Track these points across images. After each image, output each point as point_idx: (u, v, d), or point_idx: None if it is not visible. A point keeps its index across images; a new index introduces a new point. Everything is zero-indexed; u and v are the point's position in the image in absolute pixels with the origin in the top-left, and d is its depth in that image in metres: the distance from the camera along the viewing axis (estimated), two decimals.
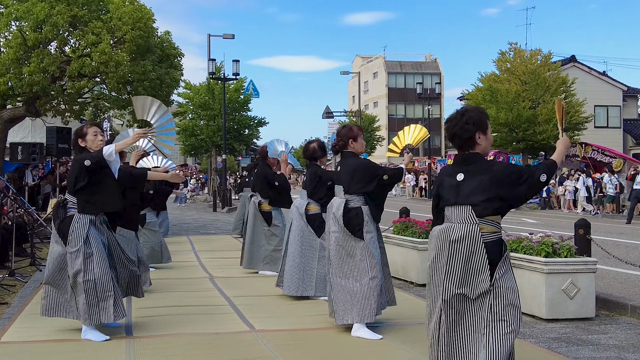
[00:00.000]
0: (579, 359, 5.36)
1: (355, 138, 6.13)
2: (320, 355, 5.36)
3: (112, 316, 5.72)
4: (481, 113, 4.10)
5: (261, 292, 8.19)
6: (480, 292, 3.88)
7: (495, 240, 3.94)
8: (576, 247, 6.95)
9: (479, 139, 4.02)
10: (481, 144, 4.04)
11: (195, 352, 5.37)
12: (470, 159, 4.05)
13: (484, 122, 4.05)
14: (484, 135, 4.04)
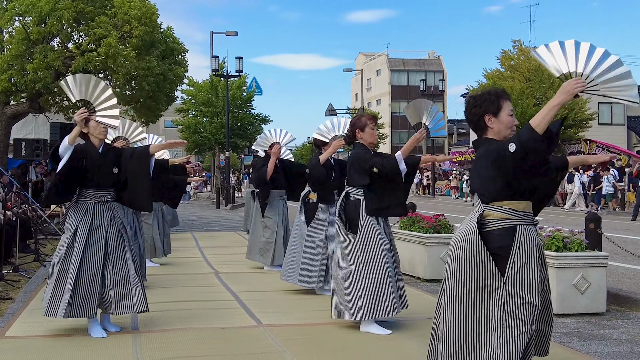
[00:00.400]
0: (592, 353, 5.28)
1: (363, 128, 5.89)
2: (328, 349, 5.29)
3: (62, 313, 5.53)
4: (490, 94, 3.85)
5: (267, 288, 8.12)
6: (490, 286, 3.62)
7: (504, 228, 3.64)
8: (587, 241, 6.86)
9: (490, 122, 3.78)
10: (493, 127, 3.78)
11: (202, 347, 5.30)
12: (477, 143, 3.89)
13: (493, 103, 3.79)
14: (495, 117, 3.78)
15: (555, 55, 3.58)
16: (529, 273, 3.63)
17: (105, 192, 5.81)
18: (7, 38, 14.91)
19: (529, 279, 3.62)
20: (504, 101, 3.84)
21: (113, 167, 5.82)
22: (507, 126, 3.80)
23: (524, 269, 3.63)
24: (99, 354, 5.07)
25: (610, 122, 42.08)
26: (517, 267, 3.63)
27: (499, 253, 3.65)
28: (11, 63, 14.59)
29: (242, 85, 37.25)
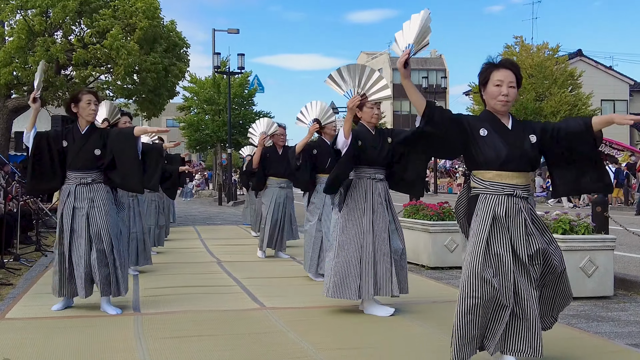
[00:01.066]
0: (600, 333, 5.20)
1: (360, 107, 5.76)
2: (332, 330, 5.21)
3: (56, 292, 5.77)
4: (484, 65, 3.96)
5: (271, 275, 8.05)
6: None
7: (472, 196, 3.96)
8: (594, 224, 6.78)
9: (484, 95, 3.96)
10: (486, 100, 3.95)
11: (204, 327, 5.22)
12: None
13: (482, 74, 3.94)
14: (485, 89, 3.94)
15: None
16: (474, 240, 3.85)
17: (85, 173, 5.75)
18: (9, 30, 14.84)
19: (472, 246, 3.84)
20: (495, 71, 3.88)
21: (95, 148, 5.74)
22: (492, 97, 3.90)
23: (473, 237, 3.88)
24: (99, 334, 4.99)
25: None
26: (471, 235, 3.90)
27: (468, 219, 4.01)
28: (13, 56, 14.53)
29: (244, 83, 37.19)
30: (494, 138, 3.85)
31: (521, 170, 3.88)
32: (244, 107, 37.40)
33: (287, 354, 4.46)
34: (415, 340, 4.85)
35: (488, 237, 3.81)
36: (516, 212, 3.83)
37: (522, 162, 3.86)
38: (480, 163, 3.88)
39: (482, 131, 3.86)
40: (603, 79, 41.16)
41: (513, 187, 3.85)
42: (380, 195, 5.73)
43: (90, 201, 5.73)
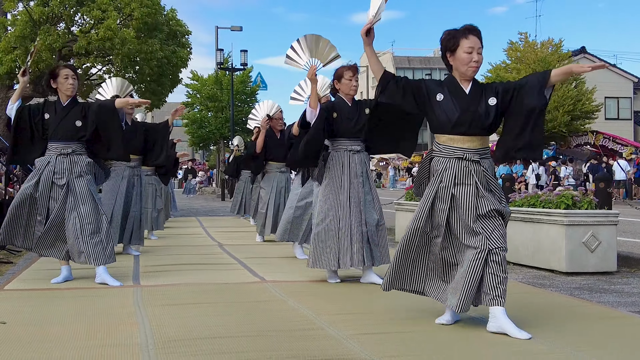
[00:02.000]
0: (603, 303, 5.15)
1: (339, 78, 5.72)
2: (333, 298, 5.17)
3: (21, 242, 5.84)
4: (450, 33, 4.03)
5: (271, 255, 8.01)
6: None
7: (428, 158, 4.18)
8: (597, 199, 6.73)
9: (451, 59, 4.03)
10: (453, 65, 4.03)
11: (204, 296, 5.19)
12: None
13: (450, 41, 3.99)
14: (453, 55, 4.00)
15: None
16: (423, 200, 4.11)
17: (66, 144, 5.76)
18: (11, 20, 14.84)
19: (420, 204, 4.12)
20: (463, 38, 3.98)
21: (76, 120, 5.77)
22: (462, 63, 3.99)
23: (423, 197, 4.13)
24: (98, 302, 4.95)
25: (617, 116, 41.85)
26: (423, 194, 4.15)
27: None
28: (15, 45, 14.53)
29: (246, 80, 37.14)
30: (449, 102, 4.02)
31: (473, 134, 4.00)
32: (246, 104, 37.34)
33: (286, 318, 4.42)
34: (415, 307, 4.80)
35: (434, 197, 4.01)
36: (466, 175, 3.97)
37: (473, 126, 3.99)
38: (435, 127, 4.08)
39: (438, 96, 4.04)
40: (607, 76, 40.92)
41: (464, 150, 3.98)
42: (357, 167, 5.71)
43: (69, 172, 5.76)
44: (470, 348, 3.64)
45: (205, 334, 3.91)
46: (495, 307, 3.85)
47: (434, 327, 4.11)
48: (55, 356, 3.44)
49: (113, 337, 3.86)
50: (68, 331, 4.01)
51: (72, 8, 14.78)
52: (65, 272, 5.90)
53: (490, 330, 3.88)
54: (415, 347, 3.65)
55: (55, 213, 5.70)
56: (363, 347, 3.62)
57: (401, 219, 9.50)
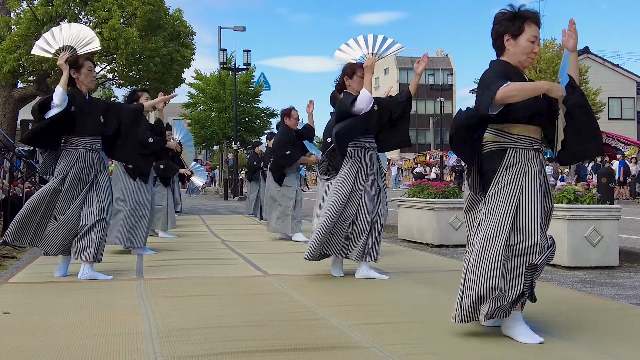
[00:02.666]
0: (605, 295, 5.16)
1: (351, 75, 5.66)
2: (336, 291, 5.19)
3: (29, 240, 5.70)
4: (515, 15, 3.62)
5: (275, 250, 8.04)
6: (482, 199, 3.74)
7: (494, 151, 3.65)
8: (599, 194, 6.74)
9: (508, 43, 3.63)
10: (510, 50, 3.64)
11: (206, 289, 5.21)
12: (491, 64, 3.74)
13: (515, 24, 3.60)
14: (514, 40, 3.62)
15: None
16: (504, 196, 3.59)
17: (94, 139, 5.76)
18: (15, 19, 14.89)
19: (502, 202, 3.59)
20: (529, 25, 3.61)
21: (100, 115, 5.77)
22: (523, 52, 3.62)
23: (502, 190, 3.61)
24: (102, 295, 4.97)
25: (620, 117, 41.85)
26: (496, 188, 3.63)
27: (487, 176, 3.70)
28: (19, 44, 14.57)
29: (249, 80, 37.17)
30: None
31: (544, 125, 3.74)
32: (249, 104, 37.38)
33: (289, 309, 4.44)
34: (417, 299, 4.83)
35: (521, 190, 3.59)
36: (540, 167, 3.68)
37: (545, 117, 3.72)
38: (506, 115, 3.60)
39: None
40: (610, 76, 41.00)
41: (538, 142, 3.69)
42: (374, 164, 5.74)
43: (96, 168, 5.75)
44: (470, 339, 3.66)
45: (208, 324, 3.93)
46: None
47: (435, 319, 4.12)
48: (59, 344, 3.47)
49: (117, 327, 3.88)
50: (72, 321, 4.04)
51: (76, 7, 14.82)
52: (65, 267, 5.89)
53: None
54: (416, 337, 3.67)
55: (73, 209, 5.63)
56: (364, 336, 3.64)
57: (404, 217, 9.51)
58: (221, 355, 3.27)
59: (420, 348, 3.44)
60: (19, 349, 3.36)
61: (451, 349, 3.42)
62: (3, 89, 15.74)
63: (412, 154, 54.90)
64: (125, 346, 3.44)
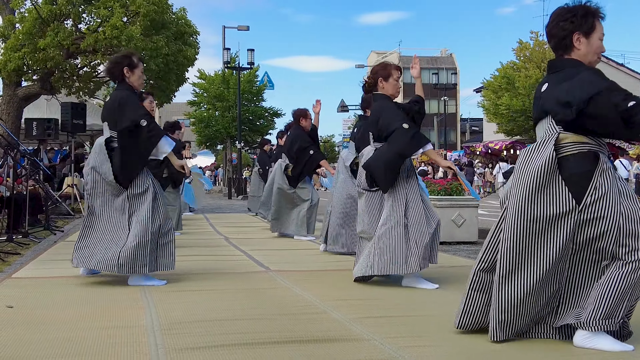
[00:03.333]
0: None
1: (387, 77, 5.28)
2: (339, 286, 5.20)
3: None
4: (586, 10, 3.37)
5: (278, 247, 8.06)
6: (562, 215, 3.22)
7: (584, 153, 3.27)
8: None
9: (577, 42, 3.35)
10: (580, 49, 3.36)
11: (209, 284, 5.22)
12: (558, 65, 3.42)
13: (588, 21, 3.35)
14: (586, 39, 3.35)
15: None
16: (612, 203, 3.22)
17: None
18: (19, 17, 14.93)
19: (611, 208, 3.21)
20: (598, 22, 3.40)
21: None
22: (595, 51, 3.39)
23: (607, 197, 3.22)
24: (104, 290, 5.00)
25: None
26: (598, 195, 3.22)
27: (575, 180, 3.26)
28: (23, 43, 14.61)
29: (252, 79, 37.23)
30: None
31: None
32: (253, 103, 37.45)
33: (291, 303, 4.46)
34: (419, 294, 4.84)
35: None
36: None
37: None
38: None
39: None
40: (614, 76, 40.25)
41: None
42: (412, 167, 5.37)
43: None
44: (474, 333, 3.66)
45: (210, 317, 3.95)
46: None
47: (438, 313, 4.14)
48: (61, 337, 3.49)
49: (119, 320, 3.90)
50: (74, 314, 4.06)
51: (79, 6, 14.86)
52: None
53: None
54: (417, 330, 3.68)
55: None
56: (366, 329, 3.66)
57: None
58: (222, 347, 3.28)
59: (421, 340, 3.45)
60: (21, 342, 3.38)
61: (451, 342, 3.43)
62: (7, 88, 15.78)
63: None
64: (127, 338, 3.45)
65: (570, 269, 3.38)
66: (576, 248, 3.32)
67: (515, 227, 3.33)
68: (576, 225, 3.25)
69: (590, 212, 3.22)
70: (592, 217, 3.22)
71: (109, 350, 3.22)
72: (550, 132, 3.33)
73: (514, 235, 3.33)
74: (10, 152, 10.33)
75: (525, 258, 3.33)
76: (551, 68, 3.48)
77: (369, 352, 3.23)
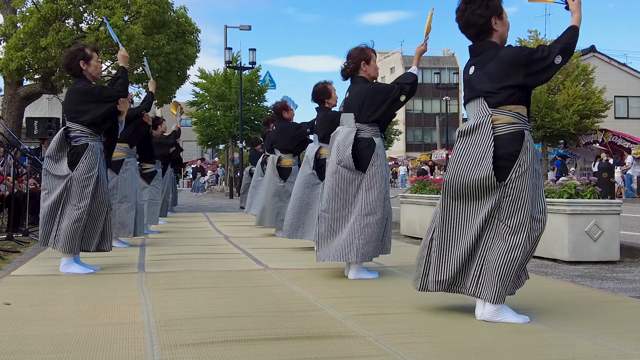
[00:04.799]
0: (604, 289, 5.16)
1: (368, 60, 5.44)
2: (335, 284, 5.20)
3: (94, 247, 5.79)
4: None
5: (277, 246, 8.07)
6: (485, 188, 3.63)
7: (513, 132, 3.64)
8: (600, 189, 6.74)
9: (495, 25, 3.74)
10: (498, 30, 3.76)
11: (206, 282, 5.24)
12: (479, 48, 3.78)
13: (498, 4, 3.75)
14: (500, 19, 3.75)
15: None
16: (528, 175, 3.62)
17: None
18: (21, 16, 14.96)
19: (526, 185, 3.61)
20: (501, 3, 3.82)
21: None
22: (508, 28, 3.82)
23: (526, 175, 3.61)
24: (101, 287, 5.00)
25: (627, 115, 41.68)
26: (520, 172, 3.61)
27: (505, 158, 3.63)
28: (25, 42, 14.63)
29: (254, 79, 37.19)
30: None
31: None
32: (254, 102, 37.42)
33: (287, 300, 4.46)
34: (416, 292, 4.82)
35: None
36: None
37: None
38: (526, 97, 3.72)
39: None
40: (617, 75, 40.83)
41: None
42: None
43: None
44: (464, 328, 3.67)
45: (206, 314, 3.96)
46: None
47: (435, 310, 4.14)
48: (57, 333, 3.50)
49: (115, 316, 3.91)
50: (71, 311, 4.08)
51: (80, 6, 14.88)
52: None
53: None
54: (412, 327, 3.69)
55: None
56: (362, 326, 3.66)
57: (406, 213, 9.53)
58: (217, 343, 3.29)
59: (415, 337, 3.45)
60: (17, 338, 3.39)
61: (445, 338, 3.44)
62: (9, 87, 15.83)
63: (419, 153, 54.90)
64: (123, 335, 3.46)
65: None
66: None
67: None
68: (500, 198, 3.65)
69: (508, 188, 3.61)
70: (508, 192, 3.62)
71: (104, 347, 3.23)
72: (483, 113, 3.65)
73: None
74: (11, 151, 10.36)
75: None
76: (473, 52, 3.82)
77: (364, 348, 3.23)
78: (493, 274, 3.65)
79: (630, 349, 3.21)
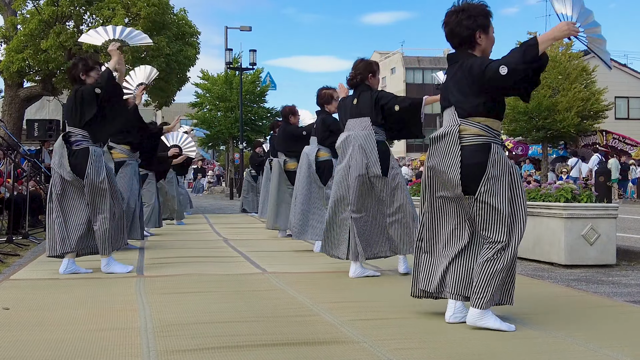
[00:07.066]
0: (599, 293, 5.20)
1: (375, 73, 5.78)
2: (333, 288, 5.24)
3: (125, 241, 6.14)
4: (484, 9, 3.79)
5: (275, 248, 8.10)
6: (458, 196, 3.76)
7: (478, 144, 3.69)
8: (596, 193, 6.77)
9: (479, 39, 3.78)
10: (481, 44, 3.79)
11: (204, 286, 5.26)
12: (455, 57, 3.84)
13: (486, 18, 3.79)
14: (485, 34, 3.78)
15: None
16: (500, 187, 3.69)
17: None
18: (21, 18, 15.00)
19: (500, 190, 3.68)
20: (491, 18, 3.87)
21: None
22: (492, 44, 3.86)
23: (496, 182, 3.68)
24: (100, 292, 5.03)
25: (627, 116, 41.67)
26: (490, 183, 3.67)
27: (472, 169, 3.69)
28: (25, 44, 14.67)
29: (255, 80, 37.22)
30: None
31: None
32: (255, 103, 37.45)
33: (284, 305, 4.50)
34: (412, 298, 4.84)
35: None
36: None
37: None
38: (497, 110, 3.78)
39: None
40: (617, 76, 40.80)
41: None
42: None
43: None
44: (459, 333, 3.70)
45: (203, 319, 3.99)
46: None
47: (430, 315, 4.17)
48: (54, 339, 3.53)
49: (113, 322, 3.95)
50: (69, 316, 4.11)
51: (81, 7, 14.93)
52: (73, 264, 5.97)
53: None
54: (407, 332, 3.72)
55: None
56: (357, 332, 3.69)
57: None
58: (213, 349, 3.33)
59: (410, 343, 3.49)
60: (15, 343, 3.43)
61: (440, 344, 3.47)
62: (9, 89, 15.88)
63: (419, 154, 54.88)
64: (120, 341, 3.50)
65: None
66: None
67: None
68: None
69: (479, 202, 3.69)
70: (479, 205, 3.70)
71: (101, 353, 3.26)
72: (452, 123, 3.74)
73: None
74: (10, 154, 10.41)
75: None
76: (450, 60, 3.90)
77: (358, 354, 3.27)
78: (478, 280, 3.72)
79: (623, 355, 3.25)
